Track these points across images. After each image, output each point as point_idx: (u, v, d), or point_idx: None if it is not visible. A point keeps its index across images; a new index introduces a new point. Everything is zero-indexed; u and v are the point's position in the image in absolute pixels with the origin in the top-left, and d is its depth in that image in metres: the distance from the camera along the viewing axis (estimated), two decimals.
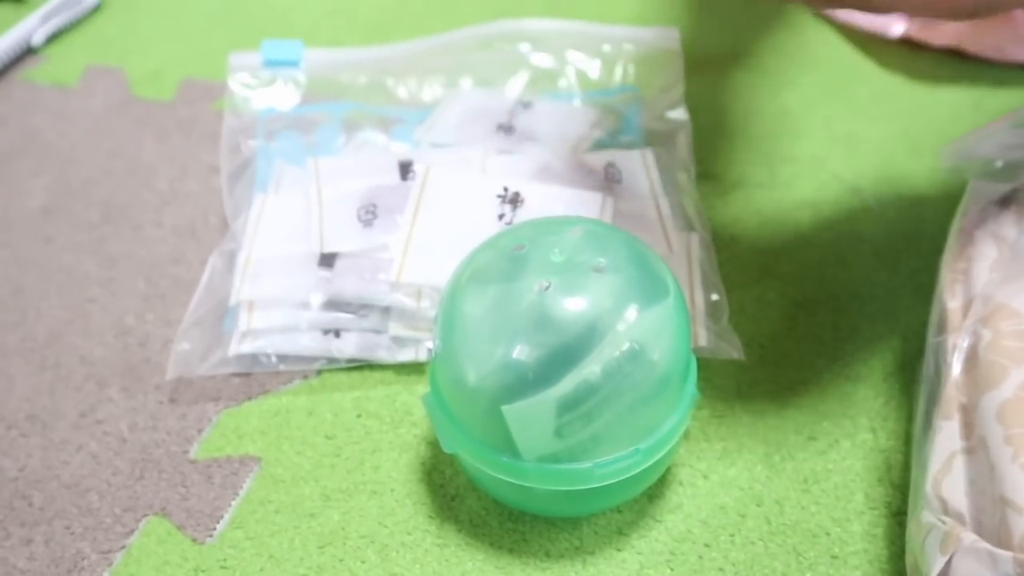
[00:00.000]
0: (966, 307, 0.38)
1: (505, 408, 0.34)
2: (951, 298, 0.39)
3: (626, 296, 0.35)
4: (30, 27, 0.66)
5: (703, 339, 0.43)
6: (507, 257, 0.36)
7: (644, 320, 0.35)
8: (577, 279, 0.34)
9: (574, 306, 0.34)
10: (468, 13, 0.65)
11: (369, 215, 0.45)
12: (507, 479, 0.36)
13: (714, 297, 0.45)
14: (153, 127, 0.59)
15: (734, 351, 0.43)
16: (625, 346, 0.34)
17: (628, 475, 0.35)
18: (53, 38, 0.67)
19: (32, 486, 0.41)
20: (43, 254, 0.52)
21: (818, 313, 0.46)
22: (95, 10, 0.70)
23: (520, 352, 0.34)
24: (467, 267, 0.37)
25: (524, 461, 0.35)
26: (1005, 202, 0.43)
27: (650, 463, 0.36)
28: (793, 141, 0.55)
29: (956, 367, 0.36)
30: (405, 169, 0.47)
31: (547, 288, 0.34)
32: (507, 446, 0.35)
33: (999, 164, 0.43)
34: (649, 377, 0.35)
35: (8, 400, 0.45)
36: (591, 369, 0.34)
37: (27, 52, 0.66)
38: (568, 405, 0.34)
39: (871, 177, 0.53)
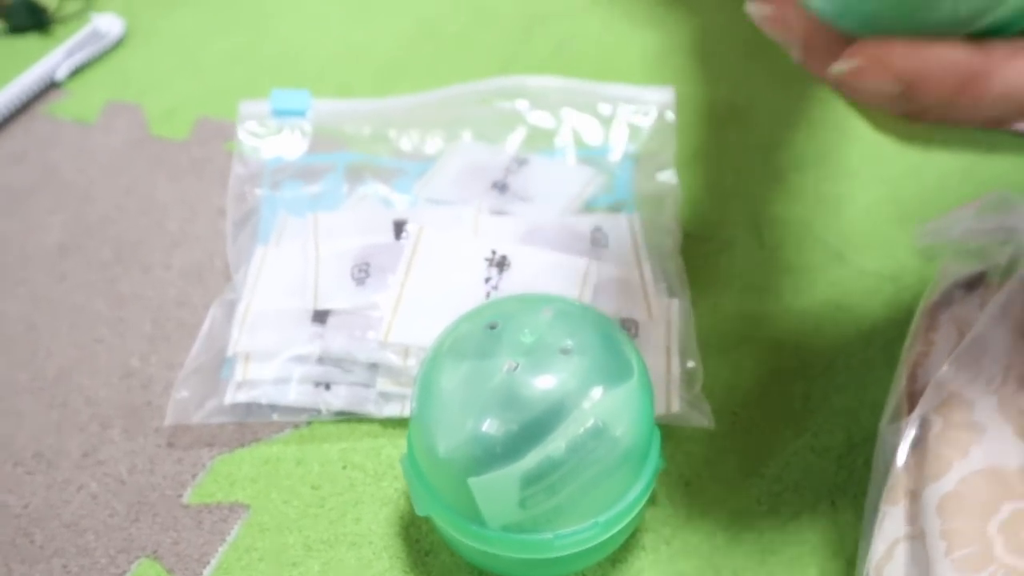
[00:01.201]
0: (922, 393, 0.40)
1: (471, 480, 0.36)
2: (911, 383, 0.41)
3: (591, 377, 0.37)
4: (55, 62, 0.69)
5: (676, 406, 0.45)
6: (482, 334, 0.38)
7: (608, 400, 0.37)
8: (544, 361, 0.36)
9: (539, 386, 0.36)
10: (475, 62, 0.68)
11: (362, 273, 0.47)
12: (473, 545, 0.38)
13: (690, 364, 0.47)
14: (167, 166, 0.62)
15: (704, 420, 0.45)
16: (589, 423, 0.36)
17: (587, 546, 0.37)
18: (76, 73, 0.70)
19: (35, 524, 0.44)
20: (57, 292, 0.54)
21: (791, 383, 0.48)
22: (117, 44, 0.72)
23: (488, 427, 0.36)
24: (446, 338, 0.39)
25: (489, 529, 0.37)
26: (972, 285, 0.44)
27: (609, 535, 0.38)
28: (783, 203, 0.57)
29: (906, 454, 0.38)
30: (399, 228, 0.49)
31: (515, 368, 0.36)
32: (474, 514, 0.37)
33: (970, 247, 0.45)
34: (612, 453, 0.37)
35: (16, 437, 0.47)
36: (555, 445, 0.36)
37: (51, 86, 0.69)
38: (532, 479, 0.36)
39: (856, 243, 0.54)
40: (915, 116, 0.31)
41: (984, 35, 0.28)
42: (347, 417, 0.47)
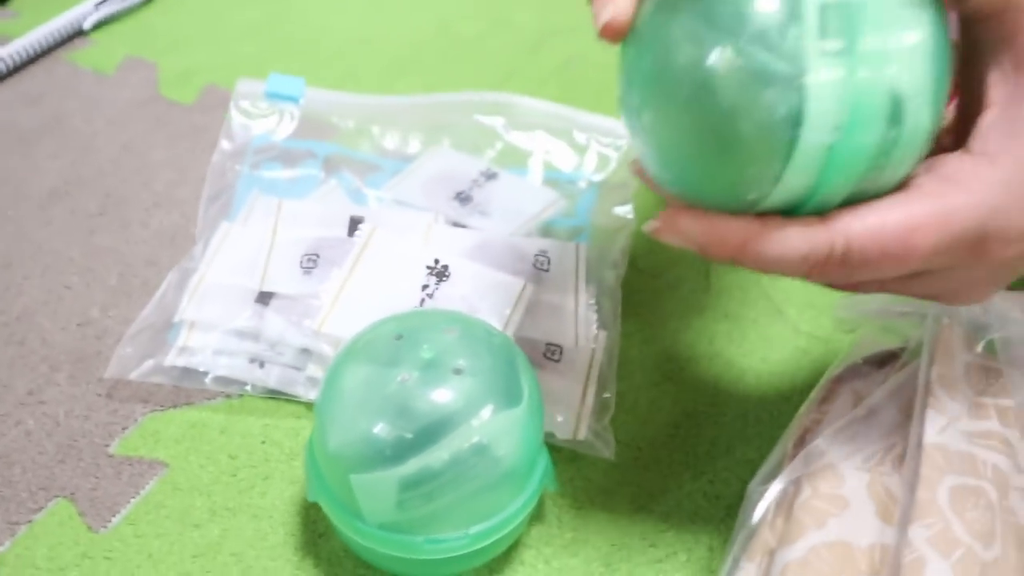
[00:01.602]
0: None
1: (353, 477, 0.38)
2: (796, 448, 0.43)
3: (479, 398, 0.39)
4: (84, 11, 0.72)
5: (583, 433, 0.47)
6: (387, 343, 0.40)
7: (493, 421, 0.39)
8: (435, 377, 0.39)
9: (427, 400, 0.38)
10: (481, 69, 0.70)
11: (311, 263, 0.50)
12: (352, 537, 0.40)
13: (605, 395, 0.48)
14: (168, 128, 0.65)
15: (606, 451, 0.47)
16: (473, 440, 0.38)
17: (456, 554, 0.40)
18: (103, 24, 0.73)
19: None
20: (40, 235, 0.58)
21: (701, 426, 0.49)
22: (147, 2, 0.75)
23: (374, 430, 0.38)
24: (359, 340, 0.41)
25: (367, 525, 0.39)
26: (882, 362, 0.46)
27: (480, 546, 0.40)
28: None
29: (764, 512, 0.39)
30: (354, 225, 0.51)
31: (407, 381, 0.38)
32: (355, 508, 0.39)
33: (887, 324, 0.46)
34: (492, 471, 0.39)
35: None
36: (436, 456, 0.38)
37: (77, 34, 0.72)
38: (410, 484, 0.38)
39: (799, 302, 0.55)
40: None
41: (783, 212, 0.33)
42: (276, 396, 0.49)
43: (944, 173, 0.32)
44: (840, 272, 0.32)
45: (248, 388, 0.49)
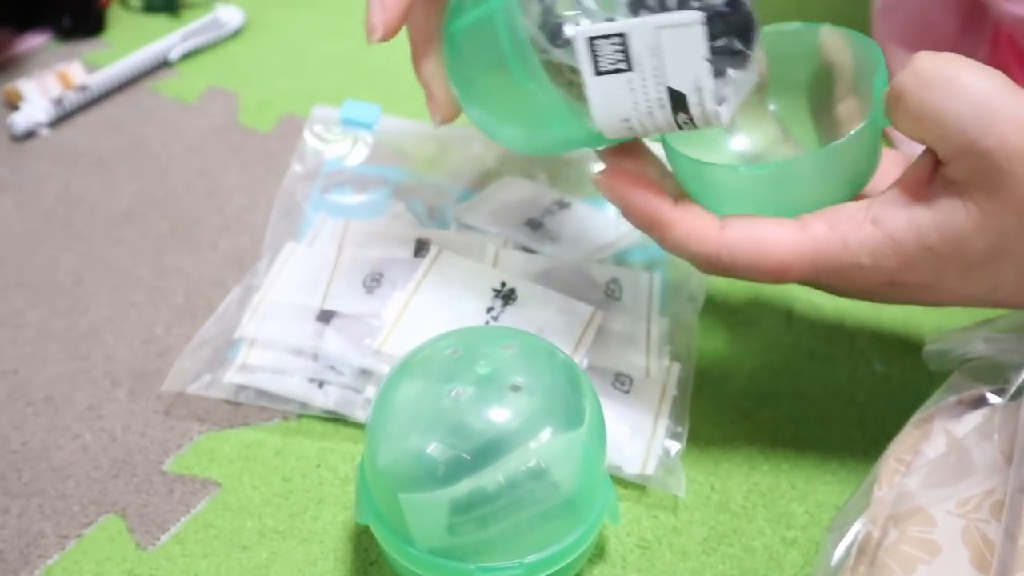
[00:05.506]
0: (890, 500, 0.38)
1: (402, 496, 0.36)
2: (888, 488, 0.39)
3: (535, 419, 0.37)
4: (171, 43, 0.73)
5: (651, 468, 0.44)
6: (441, 358, 0.38)
7: (552, 444, 0.37)
8: (490, 394, 0.37)
9: (481, 417, 0.36)
10: None
11: (374, 283, 0.49)
12: (400, 561, 0.38)
13: (677, 430, 0.46)
14: (244, 155, 0.65)
15: (677, 488, 0.44)
16: (528, 464, 0.36)
17: None
18: (189, 55, 0.74)
19: (26, 462, 0.47)
20: (112, 254, 0.58)
21: (779, 468, 0.46)
22: (233, 35, 0.76)
23: (425, 447, 0.36)
24: (413, 355, 0.40)
25: (416, 549, 0.37)
26: (977, 402, 0.42)
27: None
28: (825, 295, 0.55)
29: (851, 557, 0.36)
30: (420, 246, 0.50)
31: (460, 396, 0.36)
32: (405, 532, 0.37)
33: (981, 364, 0.43)
34: (549, 498, 0.37)
35: (35, 379, 0.50)
36: (491, 478, 0.36)
37: (163, 65, 0.73)
38: (461, 507, 0.36)
39: (886, 346, 0.52)
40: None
41: None
42: (334, 417, 0.48)
43: (832, 221, 0.38)
44: (728, 274, 0.39)
45: (307, 408, 0.47)
